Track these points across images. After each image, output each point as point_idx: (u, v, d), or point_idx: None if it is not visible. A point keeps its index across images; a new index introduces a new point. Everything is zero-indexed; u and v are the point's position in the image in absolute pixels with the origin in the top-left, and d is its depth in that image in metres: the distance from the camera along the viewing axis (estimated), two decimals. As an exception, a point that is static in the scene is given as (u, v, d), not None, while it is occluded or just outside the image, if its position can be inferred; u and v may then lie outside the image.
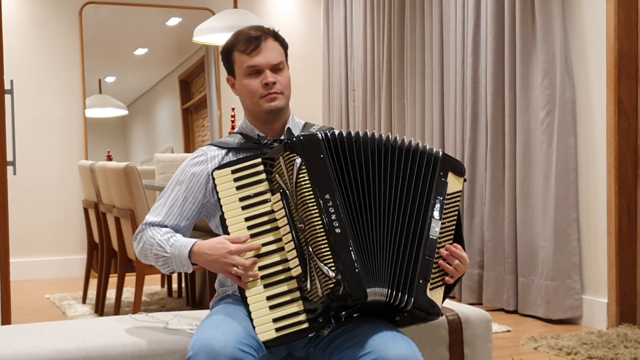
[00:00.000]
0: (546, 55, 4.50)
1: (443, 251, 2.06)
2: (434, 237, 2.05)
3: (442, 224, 2.07)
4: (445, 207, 2.08)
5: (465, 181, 2.16)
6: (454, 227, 2.10)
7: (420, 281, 2.00)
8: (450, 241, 2.09)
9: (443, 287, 2.06)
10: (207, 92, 7.05)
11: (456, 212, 2.11)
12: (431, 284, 2.02)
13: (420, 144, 2.11)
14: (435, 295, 2.03)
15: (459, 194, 2.13)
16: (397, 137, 2.10)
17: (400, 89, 5.91)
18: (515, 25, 4.71)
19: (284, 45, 2.28)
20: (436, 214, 2.06)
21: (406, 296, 1.98)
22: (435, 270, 2.04)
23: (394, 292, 1.97)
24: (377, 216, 2.02)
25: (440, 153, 2.12)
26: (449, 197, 2.10)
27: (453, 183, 2.12)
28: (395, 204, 2.04)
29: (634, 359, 3.57)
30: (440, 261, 2.05)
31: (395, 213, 2.04)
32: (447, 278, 2.06)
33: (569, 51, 4.49)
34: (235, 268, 2.00)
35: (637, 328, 4.15)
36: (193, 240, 2.13)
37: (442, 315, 2.07)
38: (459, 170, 2.14)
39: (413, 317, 2.05)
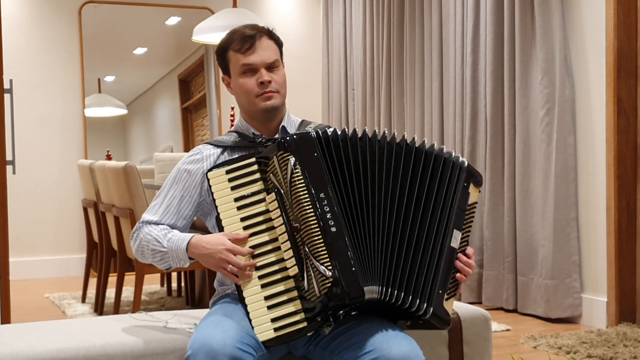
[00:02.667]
0: (545, 54, 4.50)
1: (458, 263, 2.07)
2: (455, 248, 2.05)
3: (461, 235, 2.07)
4: (464, 218, 2.09)
5: (479, 192, 2.16)
6: (469, 237, 2.12)
7: (440, 291, 2.01)
8: (465, 248, 2.11)
9: (454, 297, 2.08)
10: (207, 92, 7.05)
11: (472, 223, 2.12)
12: (447, 294, 2.04)
13: (444, 149, 2.10)
14: (449, 304, 2.05)
15: (476, 204, 2.14)
16: (406, 137, 2.08)
17: (400, 88, 5.91)
18: (514, 24, 4.71)
19: (279, 44, 2.28)
20: (458, 223, 2.06)
21: (425, 304, 1.99)
22: (452, 280, 2.06)
23: (390, 290, 1.97)
24: (376, 215, 2.01)
25: (466, 163, 2.11)
26: (469, 207, 2.10)
27: (472, 194, 2.12)
28: (408, 206, 2.03)
29: (634, 357, 3.57)
30: (458, 275, 2.07)
31: (402, 214, 2.02)
32: (462, 279, 2.08)
33: (568, 50, 4.49)
34: (230, 266, 2.00)
35: (637, 327, 4.15)
36: (191, 234, 2.13)
37: (450, 324, 2.07)
38: (478, 181, 2.14)
39: (426, 324, 2.06)
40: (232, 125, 5.26)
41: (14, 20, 6.38)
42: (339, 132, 2.06)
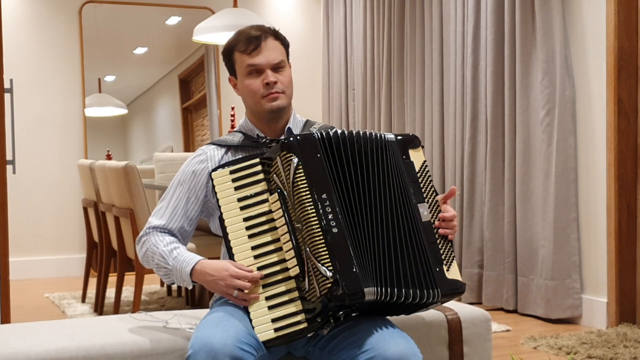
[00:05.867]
0: (546, 55, 4.50)
1: (440, 229, 2.08)
2: (428, 220, 2.06)
3: (427, 202, 2.08)
4: (421, 184, 2.10)
5: (423, 148, 2.17)
6: (435, 195, 2.12)
7: (437, 269, 2.01)
8: (437, 208, 2.11)
9: (455, 259, 2.07)
10: (207, 91, 7.05)
11: (432, 182, 2.13)
12: (445, 263, 2.04)
13: (377, 134, 2.11)
14: (453, 270, 2.05)
15: (425, 163, 2.15)
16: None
17: (400, 88, 5.91)
18: (515, 24, 4.71)
19: (285, 44, 2.28)
20: (419, 197, 2.08)
21: (431, 290, 1.99)
22: (441, 247, 2.06)
23: (390, 290, 1.97)
24: (372, 214, 2.02)
25: (393, 136, 2.13)
26: (420, 172, 2.12)
27: (416, 158, 2.13)
28: (386, 200, 2.05)
29: (634, 358, 3.57)
30: (441, 230, 2.07)
31: (387, 209, 2.04)
32: (450, 237, 2.08)
33: (568, 50, 4.49)
34: (236, 291, 2.00)
35: (637, 327, 4.15)
36: (196, 258, 2.11)
37: (465, 286, 2.07)
38: (416, 144, 2.15)
39: (441, 302, 2.07)
40: (232, 126, 5.26)
41: (14, 20, 6.38)
42: (342, 133, 2.06)
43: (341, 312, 1.95)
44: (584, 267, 4.46)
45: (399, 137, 2.14)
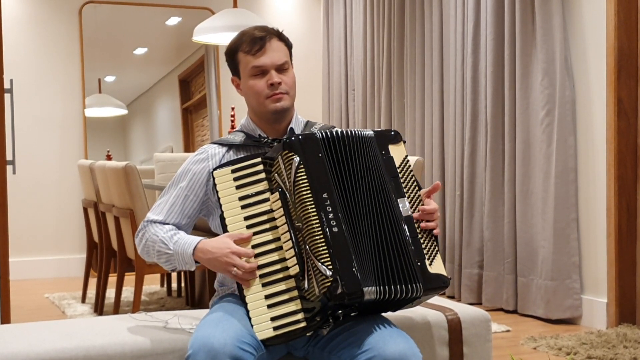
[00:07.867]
0: (546, 55, 4.50)
1: (417, 216, 2.07)
2: (409, 214, 2.05)
3: (407, 197, 2.07)
4: (401, 179, 2.09)
5: (404, 143, 2.17)
6: (418, 190, 2.12)
7: (419, 263, 2.01)
8: (419, 203, 2.10)
9: (439, 254, 2.07)
10: (207, 92, 7.05)
11: (413, 177, 2.12)
12: (428, 258, 2.03)
13: (357, 131, 2.11)
14: (437, 265, 2.04)
15: (407, 158, 2.14)
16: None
17: (400, 89, 5.91)
18: (515, 24, 4.71)
19: (289, 45, 2.28)
20: (399, 192, 2.07)
21: (414, 284, 1.98)
22: (424, 242, 2.05)
23: (391, 288, 1.97)
24: (364, 212, 2.03)
25: (372, 132, 2.12)
26: (401, 167, 2.11)
27: (397, 153, 2.13)
28: (371, 197, 2.05)
29: (634, 359, 3.57)
30: (422, 224, 2.06)
31: (371, 206, 2.04)
32: (434, 232, 2.08)
33: (568, 51, 4.49)
34: (234, 269, 2.00)
35: (637, 328, 4.15)
36: (198, 238, 2.13)
37: (449, 281, 2.06)
38: (397, 140, 2.15)
39: (426, 297, 2.07)
40: (232, 126, 5.26)
41: (14, 20, 6.38)
42: (344, 133, 2.06)
43: (340, 312, 1.95)
44: (584, 267, 4.46)
45: (378, 133, 2.13)
